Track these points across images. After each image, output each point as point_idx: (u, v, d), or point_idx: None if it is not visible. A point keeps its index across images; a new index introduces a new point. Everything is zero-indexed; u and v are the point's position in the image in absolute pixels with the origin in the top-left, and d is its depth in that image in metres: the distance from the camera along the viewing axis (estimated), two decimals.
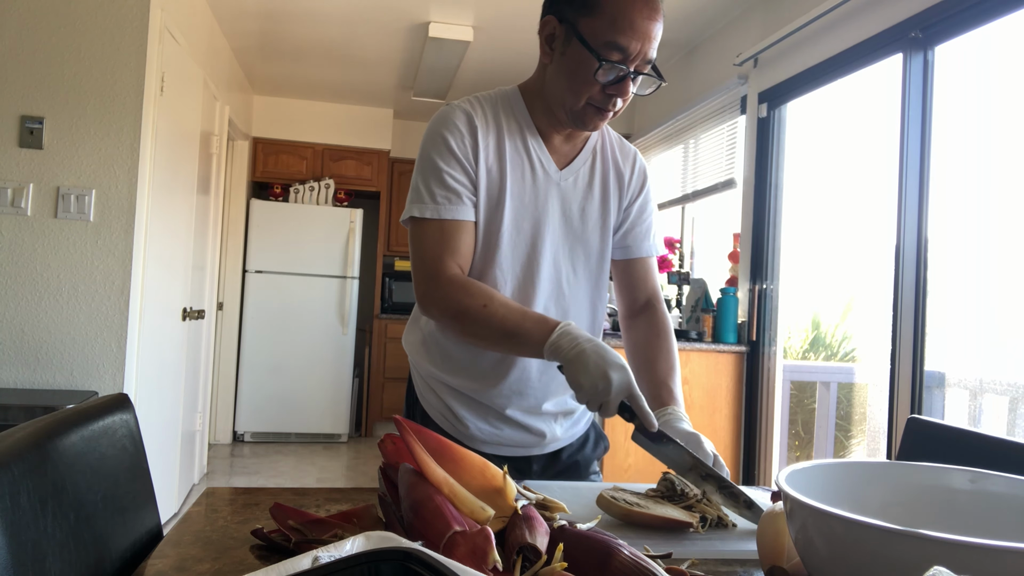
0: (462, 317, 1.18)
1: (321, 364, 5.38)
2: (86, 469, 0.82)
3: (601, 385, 1.04)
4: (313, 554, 0.58)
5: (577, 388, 1.07)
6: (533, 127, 1.28)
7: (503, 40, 4.16)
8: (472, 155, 1.22)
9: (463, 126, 1.23)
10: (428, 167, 1.23)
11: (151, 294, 2.93)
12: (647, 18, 1.12)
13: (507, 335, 1.14)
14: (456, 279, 1.19)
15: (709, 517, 0.97)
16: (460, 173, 1.22)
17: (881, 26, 2.65)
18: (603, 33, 1.12)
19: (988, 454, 1.11)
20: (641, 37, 1.12)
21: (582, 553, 0.67)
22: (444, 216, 1.21)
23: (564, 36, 1.17)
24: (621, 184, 1.36)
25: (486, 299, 1.16)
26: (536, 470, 1.36)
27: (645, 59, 1.15)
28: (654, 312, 1.39)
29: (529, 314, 1.15)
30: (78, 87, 2.71)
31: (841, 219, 4.00)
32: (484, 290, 1.18)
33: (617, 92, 1.17)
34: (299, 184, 5.53)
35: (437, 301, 1.20)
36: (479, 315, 1.15)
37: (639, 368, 1.35)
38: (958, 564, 0.51)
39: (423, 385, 1.37)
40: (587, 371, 1.04)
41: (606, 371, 1.04)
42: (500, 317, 1.14)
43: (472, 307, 1.16)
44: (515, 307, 1.16)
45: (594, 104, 1.19)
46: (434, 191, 1.21)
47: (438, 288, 1.19)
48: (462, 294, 1.17)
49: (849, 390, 4.27)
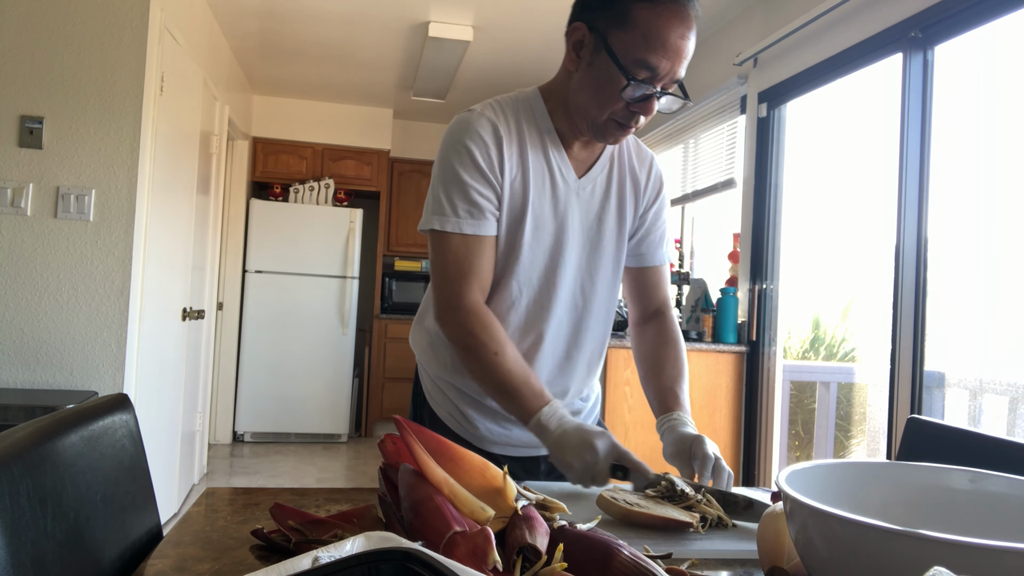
0: (471, 354, 1.18)
1: (321, 364, 5.38)
2: (86, 469, 0.82)
3: (588, 456, 1.06)
4: (313, 554, 0.58)
5: (567, 468, 1.09)
6: (554, 133, 1.26)
7: (503, 40, 4.16)
8: (498, 168, 1.20)
9: (488, 137, 1.20)
10: (451, 178, 1.20)
11: (151, 294, 2.93)
12: (680, 37, 1.10)
13: (504, 391, 1.16)
14: (474, 309, 1.19)
15: (709, 517, 0.97)
16: (485, 187, 1.20)
17: (881, 26, 2.65)
18: (634, 50, 1.09)
19: (988, 454, 1.11)
20: (672, 56, 1.10)
21: (582, 553, 0.67)
22: (467, 231, 1.19)
23: (593, 46, 1.15)
24: (637, 190, 1.34)
25: (498, 347, 1.16)
26: (544, 470, 1.37)
27: (673, 78, 1.13)
28: (664, 320, 1.39)
29: (531, 381, 1.16)
30: (78, 87, 2.71)
31: (841, 219, 4.00)
32: (499, 335, 1.18)
33: (641, 110, 1.15)
34: (299, 184, 5.53)
35: (453, 327, 1.20)
36: (486, 360, 1.16)
37: (646, 374, 1.35)
38: (958, 564, 0.51)
39: (431, 385, 1.37)
40: (572, 448, 1.08)
41: (591, 442, 1.07)
42: (505, 371, 1.15)
43: (484, 349, 1.16)
44: (522, 367, 1.17)
45: (616, 119, 1.17)
46: (456, 204, 1.19)
47: (457, 313, 1.19)
48: (479, 329, 1.17)
49: (849, 390, 4.27)
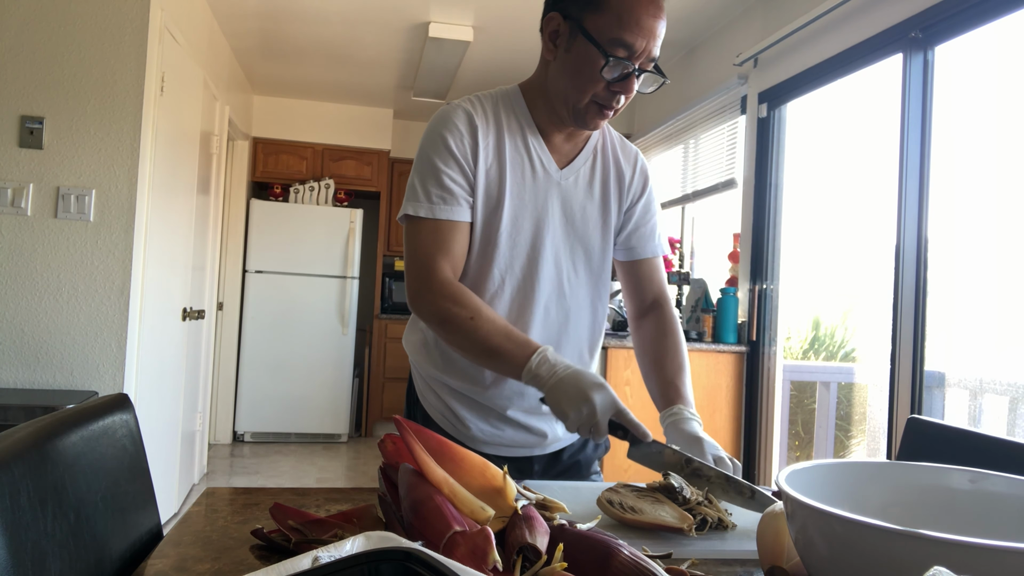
0: (447, 325, 1.18)
1: (321, 364, 5.38)
2: (86, 469, 0.82)
3: (585, 409, 1.05)
4: (313, 554, 0.58)
5: (562, 417, 1.08)
6: (534, 126, 1.28)
7: (503, 40, 4.16)
8: (471, 155, 1.22)
9: (463, 126, 1.22)
10: (426, 166, 1.23)
11: (151, 294, 2.93)
12: (652, 16, 1.13)
13: (488, 352, 1.15)
14: (447, 284, 1.19)
15: (710, 519, 0.97)
16: (458, 173, 1.22)
17: (881, 26, 2.65)
18: (609, 30, 1.12)
19: (988, 454, 1.11)
20: (647, 34, 1.13)
21: (582, 553, 0.67)
22: (439, 216, 1.21)
23: (569, 33, 1.17)
24: (622, 184, 1.35)
25: (473, 311, 1.15)
26: (537, 470, 1.36)
27: (649, 57, 1.16)
28: (662, 312, 1.39)
29: (513, 335, 1.15)
30: (78, 87, 2.71)
31: (841, 219, 4.00)
32: (473, 301, 1.17)
33: (621, 89, 1.17)
34: (299, 184, 5.53)
35: (426, 305, 1.20)
36: (464, 327, 1.15)
37: (647, 368, 1.35)
38: (958, 564, 0.51)
39: (424, 386, 1.37)
40: (568, 398, 1.06)
41: (587, 393, 1.05)
42: (484, 332, 1.14)
43: (459, 317, 1.15)
44: (500, 325, 1.16)
45: (598, 101, 1.19)
46: (430, 190, 1.21)
47: (428, 292, 1.19)
48: (450, 302, 1.17)
49: (849, 390, 4.27)
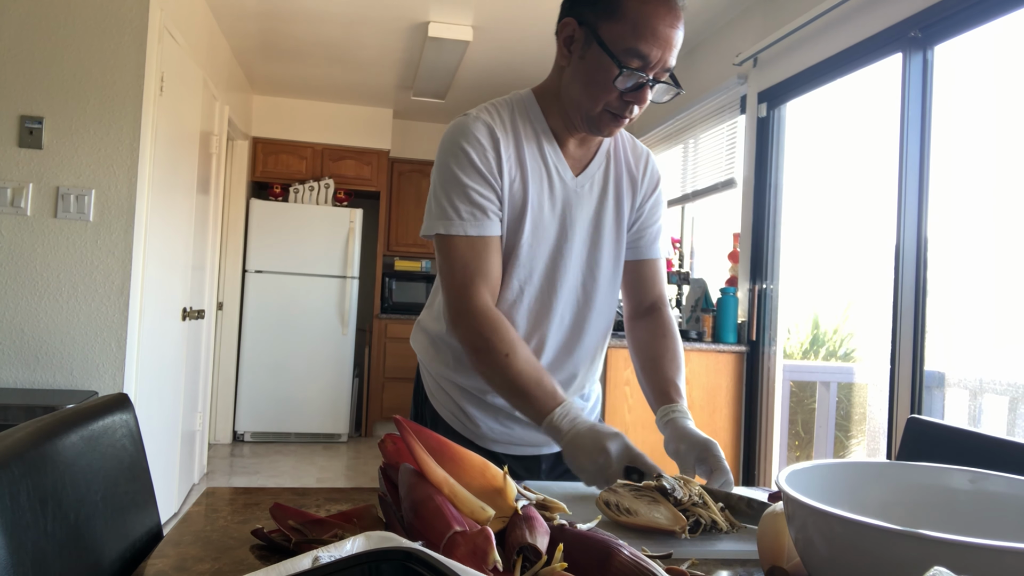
0: (481, 355, 1.18)
1: (321, 364, 5.38)
2: (86, 469, 0.82)
3: (601, 458, 1.05)
4: (313, 554, 0.58)
5: (580, 470, 1.08)
6: (549, 132, 1.27)
7: (503, 40, 4.16)
8: (496, 169, 1.21)
9: (485, 139, 1.21)
10: (450, 181, 1.20)
11: (151, 294, 2.93)
12: (669, 26, 1.11)
13: (516, 392, 1.15)
14: (486, 313, 1.18)
15: (703, 521, 0.97)
16: (486, 188, 1.20)
17: (880, 26, 2.65)
18: (624, 39, 1.11)
19: (988, 454, 1.11)
20: (663, 45, 1.11)
21: (582, 553, 0.67)
22: (471, 232, 1.19)
23: (584, 39, 1.16)
24: (634, 187, 1.35)
25: (509, 349, 1.16)
26: (545, 468, 1.37)
27: (664, 67, 1.14)
28: (659, 314, 1.39)
29: (543, 382, 1.15)
30: (78, 87, 2.71)
31: (841, 219, 4.00)
32: (510, 336, 1.17)
33: (635, 99, 1.15)
34: (299, 184, 5.53)
35: (463, 331, 1.20)
36: (498, 362, 1.15)
37: (643, 366, 1.35)
38: (958, 564, 0.51)
39: (433, 384, 1.37)
40: (585, 451, 1.07)
41: (603, 444, 1.06)
42: (515, 372, 1.15)
43: (495, 350, 1.16)
44: (533, 367, 1.16)
45: (611, 110, 1.17)
46: (458, 207, 1.19)
47: (468, 317, 1.19)
48: (489, 332, 1.17)
49: (849, 390, 4.27)
